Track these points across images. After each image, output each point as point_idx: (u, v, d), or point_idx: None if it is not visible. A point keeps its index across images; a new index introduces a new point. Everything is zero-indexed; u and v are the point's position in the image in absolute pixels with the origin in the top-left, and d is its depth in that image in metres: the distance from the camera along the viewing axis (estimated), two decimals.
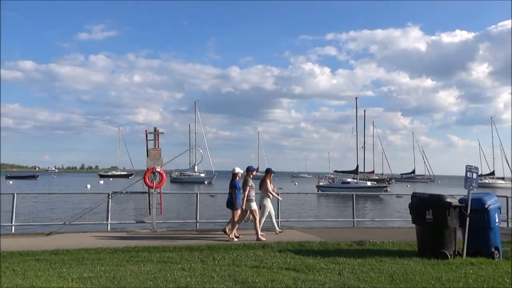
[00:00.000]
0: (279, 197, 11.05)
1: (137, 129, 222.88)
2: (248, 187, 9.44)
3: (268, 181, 10.06)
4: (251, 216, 9.68)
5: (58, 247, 7.72)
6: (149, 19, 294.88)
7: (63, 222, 10.59)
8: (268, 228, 10.32)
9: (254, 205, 9.55)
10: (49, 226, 10.59)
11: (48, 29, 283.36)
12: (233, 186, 9.60)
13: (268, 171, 10.25)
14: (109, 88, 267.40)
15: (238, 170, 9.82)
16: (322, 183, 52.32)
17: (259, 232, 9.42)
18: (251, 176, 9.72)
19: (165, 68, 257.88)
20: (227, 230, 9.66)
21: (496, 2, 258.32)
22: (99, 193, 12.55)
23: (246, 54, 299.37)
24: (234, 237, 9.44)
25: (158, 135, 11.31)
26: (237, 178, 9.76)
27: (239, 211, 9.61)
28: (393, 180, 60.17)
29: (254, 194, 9.67)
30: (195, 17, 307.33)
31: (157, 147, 11.20)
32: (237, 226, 9.71)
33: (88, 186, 51.50)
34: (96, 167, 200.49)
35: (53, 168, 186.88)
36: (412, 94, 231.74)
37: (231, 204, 9.59)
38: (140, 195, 11.16)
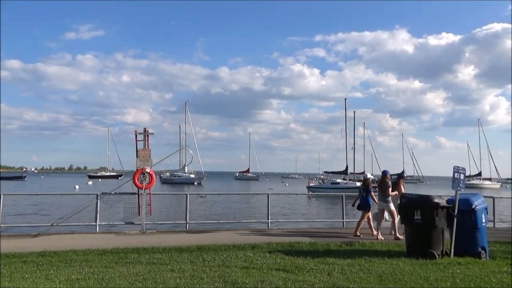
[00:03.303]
0: None
1: (126, 129, 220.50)
2: (390, 189, 10.06)
3: (402, 185, 10.63)
4: (387, 215, 10.47)
5: (45, 249, 7.64)
6: (136, 19, 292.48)
7: (50, 224, 10.47)
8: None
9: (392, 206, 10.06)
10: (36, 228, 10.44)
11: (34, 28, 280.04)
12: (368, 190, 10.33)
13: (401, 176, 11.11)
14: (97, 88, 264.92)
15: (370, 175, 11.08)
16: (312, 184, 52.58)
17: (397, 231, 9.99)
18: (388, 179, 10.29)
19: (154, 68, 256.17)
20: (375, 233, 10.21)
21: (482, 6, 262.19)
22: (88, 194, 12.44)
23: (235, 55, 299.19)
24: (381, 237, 9.96)
25: (148, 135, 11.25)
26: (370, 182, 10.51)
27: (369, 213, 10.34)
28: None
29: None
30: (183, 18, 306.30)
31: (147, 147, 11.14)
32: (375, 224, 10.36)
33: (77, 187, 50.99)
34: (85, 167, 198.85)
35: (33, 169, 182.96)
36: (400, 96, 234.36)
37: (366, 206, 10.28)
38: (130, 196, 11.09)
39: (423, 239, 7.27)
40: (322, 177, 64.07)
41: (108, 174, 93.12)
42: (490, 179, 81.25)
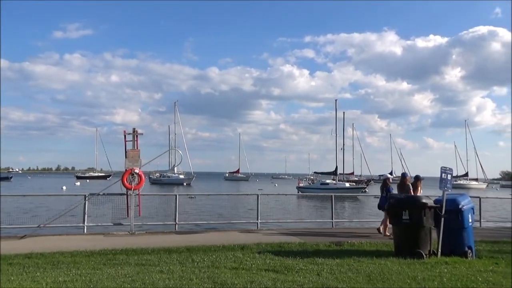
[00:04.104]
0: None
1: (115, 129, 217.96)
2: (411, 191, 10.26)
3: (420, 187, 10.72)
4: None
5: (32, 251, 7.53)
6: (125, 18, 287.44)
7: (37, 225, 10.32)
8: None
9: None
10: (22, 229, 10.29)
11: (21, 27, 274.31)
12: (387, 190, 10.52)
13: (418, 178, 11.02)
14: (85, 88, 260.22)
15: (389, 176, 11.16)
16: (302, 184, 52.76)
17: None
18: (408, 181, 10.50)
19: (143, 68, 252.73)
20: (381, 229, 10.68)
21: (468, 9, 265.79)
22: (76, 195, 12.30)
23: (224, 55, 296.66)
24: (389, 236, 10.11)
25: (137, 135, 11.18)
26: (389, 183, 10.78)
27: None
28: (371, 182, 61.14)
29: None
30: (173, 17, 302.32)
31: (136, 148, 11.07)
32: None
33: (64, 187, 50.40)
34: (73, 168, 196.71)
35: (17, 170, 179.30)
36: (388, 97, 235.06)
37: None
38: (118, 197, 11.00)
39: (411, 239, 7.35)
40: (312, 177, 64.34)
41: (96, 174, 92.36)
42: (476, 180, 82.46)
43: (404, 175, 10.80)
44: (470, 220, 7.75)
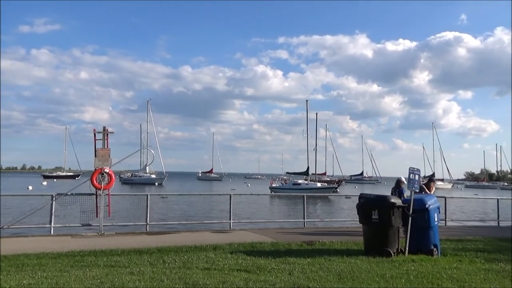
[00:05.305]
0: None
1: (84, 128, 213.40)
2: (426, 190, 10.20)
3: (433, 188, 10.63)
4: None
5: None
6: (95, 14, 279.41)
7: (0, 226, 9.94)
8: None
9: None
10: None
11: None
12: (400, 191, 10.56)
13: (432, 179, 11.26)
14: (53, 85, 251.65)
15: (403, 179, 11.09)
16: (275, 185, 53.06)
17: None
18: (421, 182, 10.47)
19: (113, 65, 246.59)
20: None
21: (436, 15, 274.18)
22: (42, 195, 11.90)
23: (197, 54, 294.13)
24: None
25: (107, 134, 10.95)
26: (402, 185, 10.73)
27: None
28: (343, 182, 62.12)
29: None
30: (145, 14, 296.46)
31: (106, 147, 10.84)
32: None
33: (30, 187, 48.71)
34: (39, 167, 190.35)
35: None
36: (359, 99, 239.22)
37: None
38: (87, 197, 10.75)
39: (380, 237, 7.52)
40: (285, 177, 64.84)
41: (64, 174, 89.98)
42: (442, 180, 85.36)
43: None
44: (436, 219, 8.01)
